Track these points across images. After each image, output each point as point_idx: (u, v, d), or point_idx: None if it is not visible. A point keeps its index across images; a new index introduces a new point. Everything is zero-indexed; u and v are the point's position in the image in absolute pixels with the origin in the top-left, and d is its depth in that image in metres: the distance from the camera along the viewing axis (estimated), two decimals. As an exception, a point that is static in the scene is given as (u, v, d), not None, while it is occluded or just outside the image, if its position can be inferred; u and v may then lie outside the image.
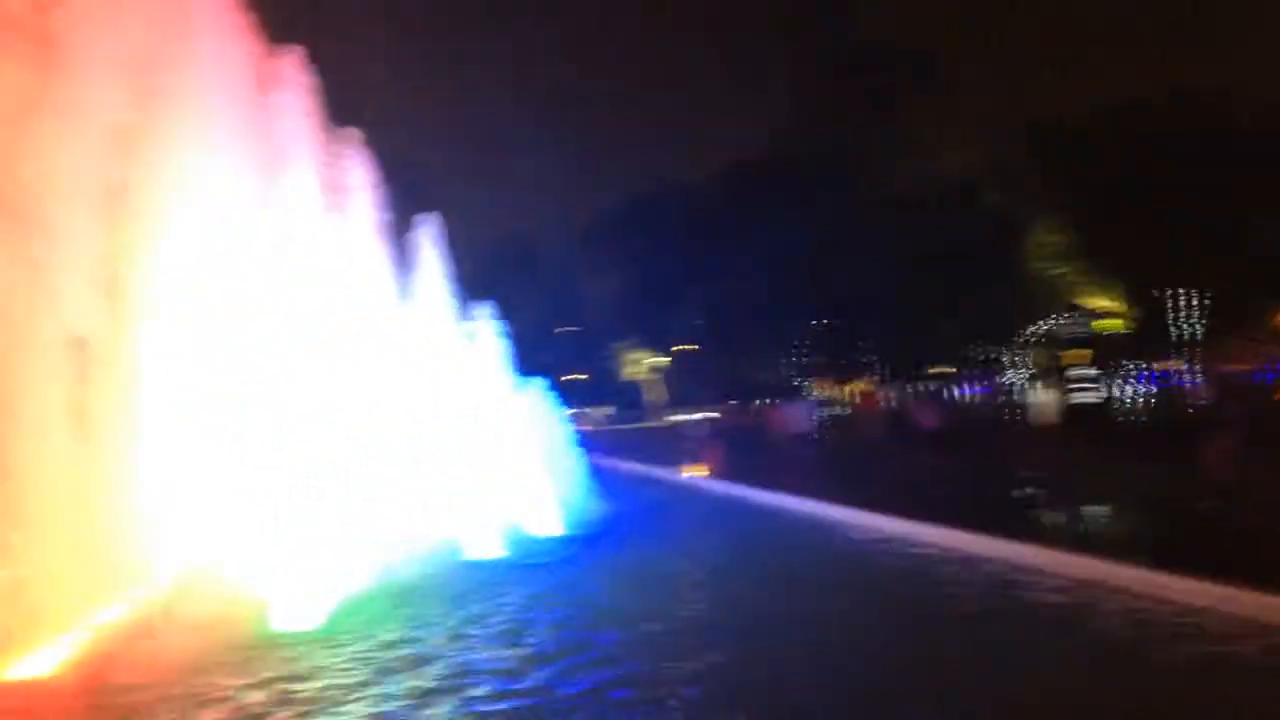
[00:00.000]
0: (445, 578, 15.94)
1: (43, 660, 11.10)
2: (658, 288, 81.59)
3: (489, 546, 18.31)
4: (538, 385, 25.81)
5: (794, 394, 66.35)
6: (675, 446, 43.79)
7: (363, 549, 16.62)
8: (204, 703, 9.49)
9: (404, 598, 14.37)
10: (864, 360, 72.46)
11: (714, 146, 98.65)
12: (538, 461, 22.83)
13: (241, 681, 10.10)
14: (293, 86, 24.23)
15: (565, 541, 19.45)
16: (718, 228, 76.42)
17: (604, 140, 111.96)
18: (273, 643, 11.93)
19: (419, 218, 25.86)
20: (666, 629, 11.66)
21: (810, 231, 64.70)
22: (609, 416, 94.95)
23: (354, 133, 26.14)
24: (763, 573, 15.31)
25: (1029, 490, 23.81)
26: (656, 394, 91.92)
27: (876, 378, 68.46)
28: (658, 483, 31.86)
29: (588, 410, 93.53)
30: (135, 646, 11.75)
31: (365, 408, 20.64)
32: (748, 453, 37.14)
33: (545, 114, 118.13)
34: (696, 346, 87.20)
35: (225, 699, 9.60)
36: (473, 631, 12.03)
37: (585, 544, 19.05)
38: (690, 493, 27.93)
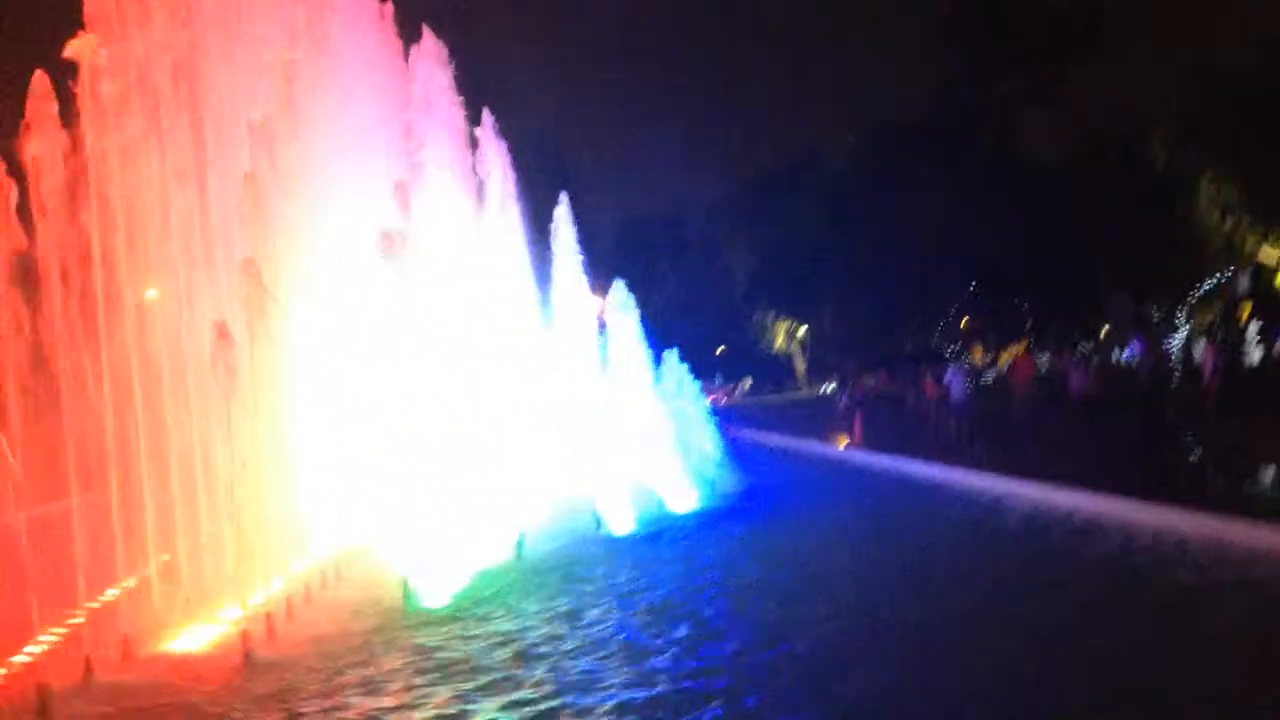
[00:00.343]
0: (582, 553, 15.89)
1: (203, 634, 11.60)
2: (800, 257, 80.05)
3: (625, 521, 18.27)
4: (671, 359, 25.64)
5: (944, 361, 64.09)
6: (818, 417, 43.02)
7: (503, 525, 16.86)
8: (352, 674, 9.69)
9: (542, 573, 14.36)
10: (1018, 325, 69.35)
11: (856, 112, 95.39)
12: (671, 436, 22.69)
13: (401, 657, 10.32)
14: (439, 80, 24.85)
15: (700, 516, 19.07)
16: (863, 194, 74.33)
17: (740, 113, 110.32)
18: (414, 620, 12.14)
19: (555, 197, 25.94)
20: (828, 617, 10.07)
21: (960, 195, 62.14)
22: (750, 388, 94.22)
23: (488, 119, 26.52)
24: (929, 562, 12.67)
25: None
26: (799, 364, 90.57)
27: (1030, 342, 65.49)
28: (800, 455, 31.13)
29: (726, 382, 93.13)
30: (285, 623, 12.16)
31: (501, 388, 20.88)
32: (897, 422, 35.84)
33: (676, 90, 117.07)
34: (840, 317, 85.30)
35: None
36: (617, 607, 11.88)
37: (722, 519, 18.54)
38: (835, 465, 27.00)
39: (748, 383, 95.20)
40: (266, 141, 14.75)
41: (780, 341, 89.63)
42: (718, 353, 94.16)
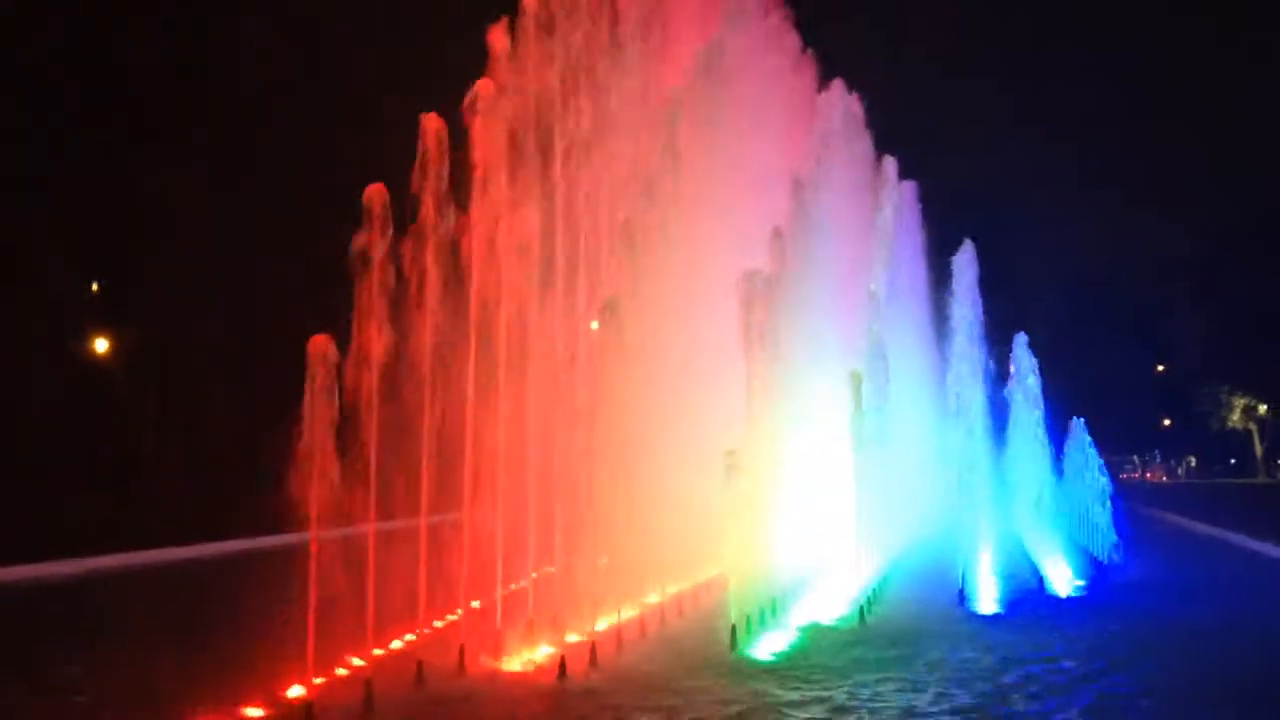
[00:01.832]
0: (933, 629, 14.63)
1: (543, 656, 12.10)
2: (1263, 326, 70.22)
3: (992, 599, 16.68)
4: (1077, 428, 23.38)
5: None
6: (1265, 506, 36.95)
7: (856, 581, 16.11)
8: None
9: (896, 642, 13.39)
10: None
11: None
12: (1064, 511, 20.54)
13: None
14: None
15: (1081, 606, 16.86)
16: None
17: (1193, 163, 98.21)
18: (734, 669, 11.83)
19: (964, 252, 24.68)
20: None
21: None
22: (1195, 467, 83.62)
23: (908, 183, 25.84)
24: None
25: None
26: (1257, 445, 79.03)
27: None
28: (1229, 552, 26.59)
29: (1166, 460, 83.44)
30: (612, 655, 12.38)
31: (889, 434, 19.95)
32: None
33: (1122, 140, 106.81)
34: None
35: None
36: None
37: (1104, 613, 16.17)
38: (1275, 571, 22.63)
39: (1192, 461, 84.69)
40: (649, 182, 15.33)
41: (1236, 418, 78.86)
42: (1160, 426, 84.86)
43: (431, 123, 11.64)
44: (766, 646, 12.90)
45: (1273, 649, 13.28)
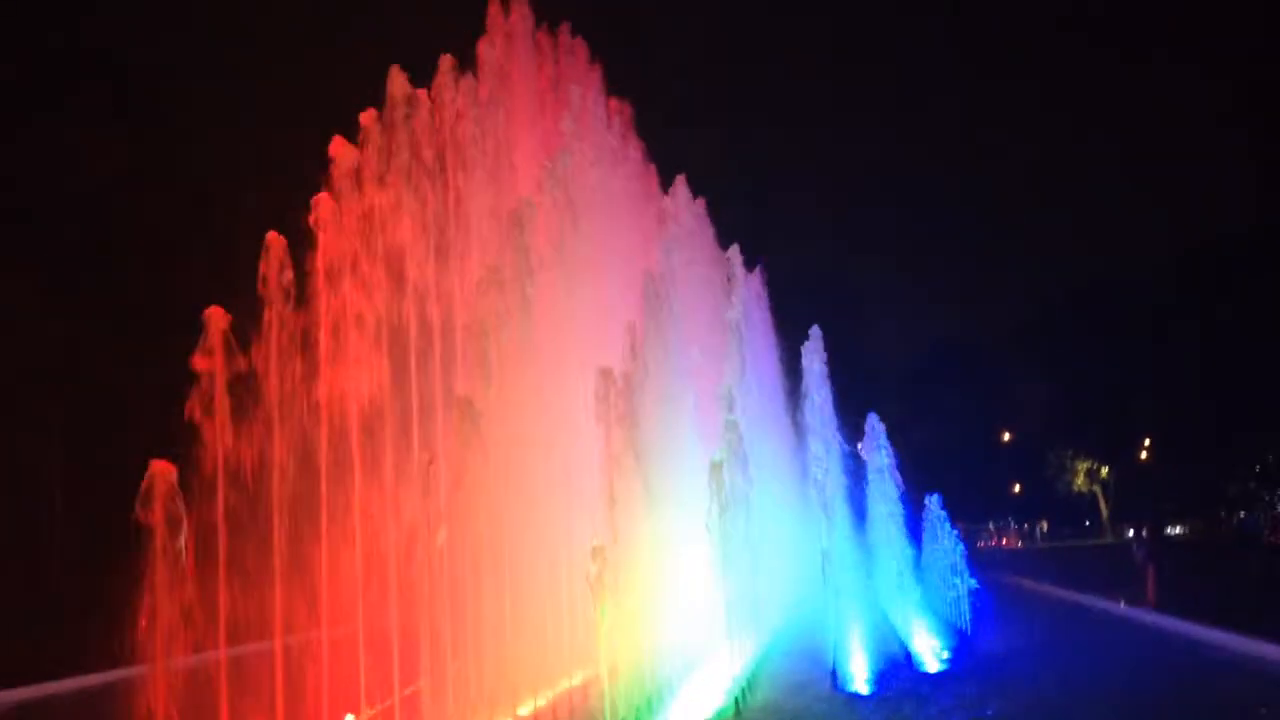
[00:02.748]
0: (808, 711, 14.72)
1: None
2: (1101, 391, 74.48)
3: (862, 677, 16.91)
4: (932, 502, 24.21)
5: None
6: (1111, 567, 38.84)
7: (724, 669, 16.08)
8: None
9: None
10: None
11: (1162, 235, 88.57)
12: (923, 585, 21.13)
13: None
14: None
15: (948, 680, 17.23)
16: (1170, 322, 68.78)
17: (1027, 235, 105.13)
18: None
19: (812, 339, 25.58)
20: None
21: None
22: (1046, 532, 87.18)
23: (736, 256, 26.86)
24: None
25: None
26: (1103, 507, 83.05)
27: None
28: (1078, 612, 27.81)
29: (1018, 525, 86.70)
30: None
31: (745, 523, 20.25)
32: (1223, 580, 31.27)
33: (958, 211, 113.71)
34: (1145, 455, 78.02)
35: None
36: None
37: (972, 685, 16.48)
38: (1118, 627, 23.80)
39: (1044, 526, 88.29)
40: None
41: (1081, 482, 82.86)
42: (1012, 493, 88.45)
43: (275, 242, 11.57)
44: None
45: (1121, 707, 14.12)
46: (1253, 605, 23.99)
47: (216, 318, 10.63)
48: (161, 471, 9.27)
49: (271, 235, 11.45)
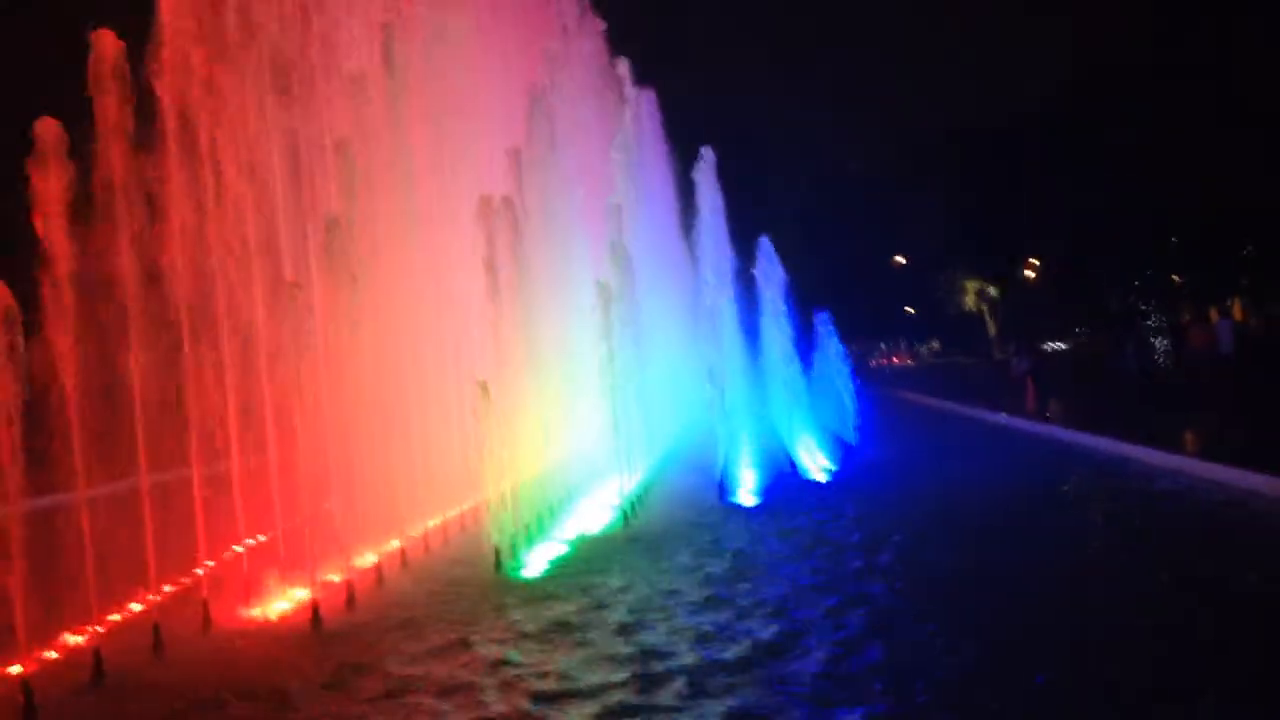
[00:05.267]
0: (693, 523, 15.10)
1: (296, 602, 11.53)
2: (988, 211, 75.61)
3: (749, 490, 17.39)
4: (822, 320, 24.55)
5: (1148, 322, 59.32)
6: (994, 382, 40.54)
7: (617, 488, 16.32)
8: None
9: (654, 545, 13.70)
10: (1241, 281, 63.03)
11: (1036, 70, 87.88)
12: (811, 400, 21.64)
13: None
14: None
15: (829, 489, 17.84)
16: (1053, 143, 69.37)
17: (914, 70, 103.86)
18: (499, 590, 11.75)
19: (704, 160, 25.01)
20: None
21: (1160, 141, 56.81)
22: (939, 350, 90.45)
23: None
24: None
25: None
26: (991, 325, 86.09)
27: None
28: (959, 422, 29.19)
29: (912, 345, 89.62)
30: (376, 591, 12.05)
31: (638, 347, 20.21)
32: (1097, 393, 32.93)
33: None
34: (1032, 274, 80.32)
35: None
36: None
37: (849, 492, 17.25)
38: (996, 434, 25.02)
39: (935, 345, 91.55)
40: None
41: (970, 301, 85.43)
42: (904, 314, 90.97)
43: (106, 42, 10.44)
44: (533, 564, 12.94)
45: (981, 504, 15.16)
46: (1117, 412, 25.22)
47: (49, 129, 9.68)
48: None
49: (100, 34, 10.32)
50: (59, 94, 10.90)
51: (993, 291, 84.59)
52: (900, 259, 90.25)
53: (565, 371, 17.35)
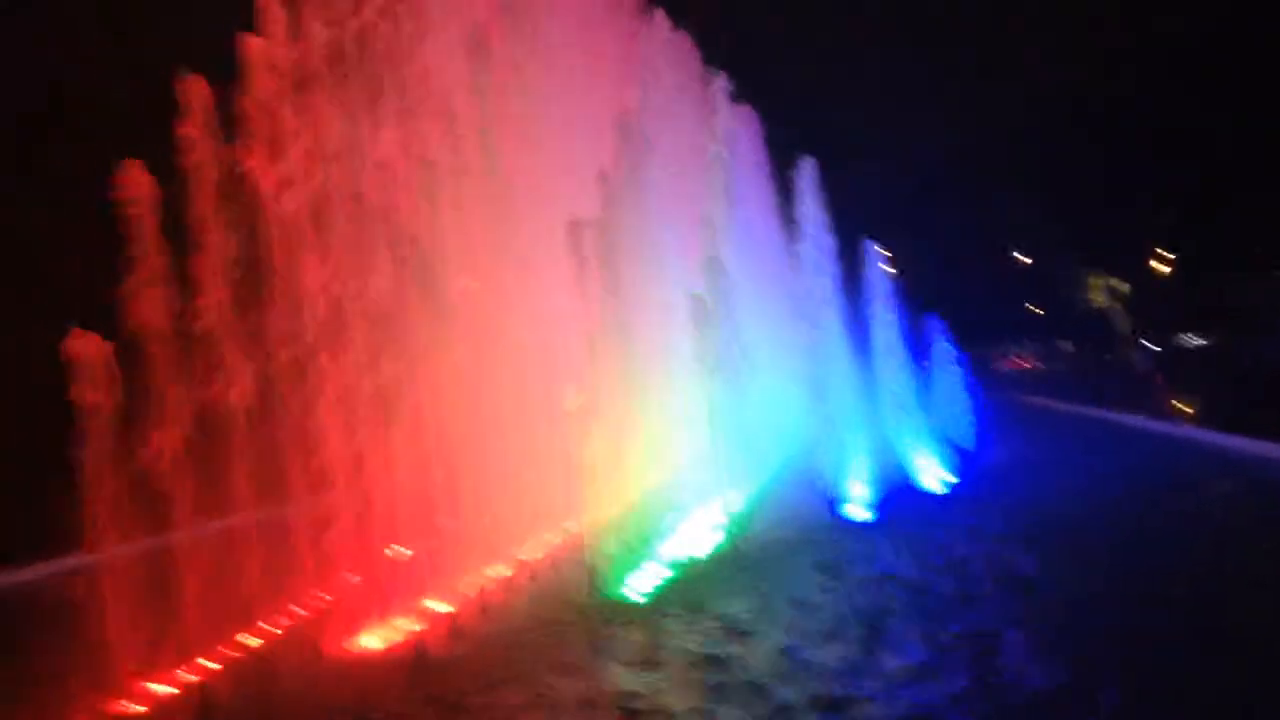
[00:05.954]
0: (805, 541, 14.60)
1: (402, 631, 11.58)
2: (1113, 202, 72.08)
3: (863, 504, 16.76)
4: (934, 323, 23.76)
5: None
6: (1125, 382, 38.63)
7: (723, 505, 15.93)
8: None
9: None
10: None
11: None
12: (921, 408, 20.88)
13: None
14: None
15: (950, 501, 17.05)
16: (1184, 121, 65.54)
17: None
18: (599, 615, 11.55)
19: (804, 168, 24.46)
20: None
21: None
22: (1062, 352, 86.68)
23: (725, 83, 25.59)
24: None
25: None
26: (1122, 323, 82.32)
27: None
28: (1088, 424, 27.71)
29: (1039, 346, 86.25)
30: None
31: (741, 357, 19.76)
32: (1236, 391, 30.90)
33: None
34: (1168, 268, 76.42)
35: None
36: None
37: (972, 504, 16.46)
38: (1133, 439, 23.47)
39: (1069, 345, 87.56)
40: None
41: (1098, 298, 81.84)
42: (1030, 314, 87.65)
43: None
44: (636, 586, 12.68)
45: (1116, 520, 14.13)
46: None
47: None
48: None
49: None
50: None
51: (1121, 286, 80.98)
52: (1022, 257, 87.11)
53: (666, 388, 17.06)
